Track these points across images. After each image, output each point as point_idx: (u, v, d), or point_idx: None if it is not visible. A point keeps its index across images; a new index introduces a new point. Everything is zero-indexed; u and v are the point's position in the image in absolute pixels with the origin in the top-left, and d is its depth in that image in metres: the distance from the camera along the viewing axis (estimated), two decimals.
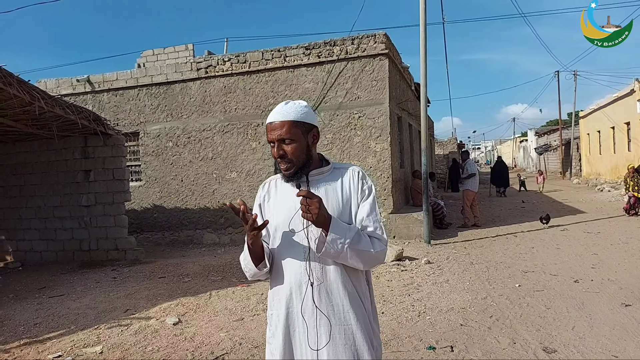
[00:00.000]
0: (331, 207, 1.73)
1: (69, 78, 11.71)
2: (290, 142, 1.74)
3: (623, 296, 5.00)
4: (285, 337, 1.75)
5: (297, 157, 1.75)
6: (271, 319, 1.82)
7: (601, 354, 3.60)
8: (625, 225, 9.76)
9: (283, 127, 1.73)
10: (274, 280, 1.84)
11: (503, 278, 6.03)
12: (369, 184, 1.82)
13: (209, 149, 10.76)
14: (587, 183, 22.75)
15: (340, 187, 1.80)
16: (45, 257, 8.92)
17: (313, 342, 1.70)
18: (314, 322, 1.70)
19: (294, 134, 1.74)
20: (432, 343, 3.94)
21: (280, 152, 1.74)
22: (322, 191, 1.77)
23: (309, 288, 1.71)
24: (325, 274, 1.73)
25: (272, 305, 1.83)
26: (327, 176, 1.83)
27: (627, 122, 19.61)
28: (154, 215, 11.12)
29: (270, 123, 1.76)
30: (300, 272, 1.73)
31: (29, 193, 9.02)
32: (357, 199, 1.79)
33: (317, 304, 1.70)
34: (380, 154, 9.62)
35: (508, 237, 9.13)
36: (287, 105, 1.78)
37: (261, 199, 1.91)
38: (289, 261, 1.76)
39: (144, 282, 6.75)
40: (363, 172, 1.86)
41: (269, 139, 1.77)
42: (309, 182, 1.78)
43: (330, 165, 1.85)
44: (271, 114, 1.78)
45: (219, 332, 4.48)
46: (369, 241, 1.72)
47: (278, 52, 10.18)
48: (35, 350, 4.26)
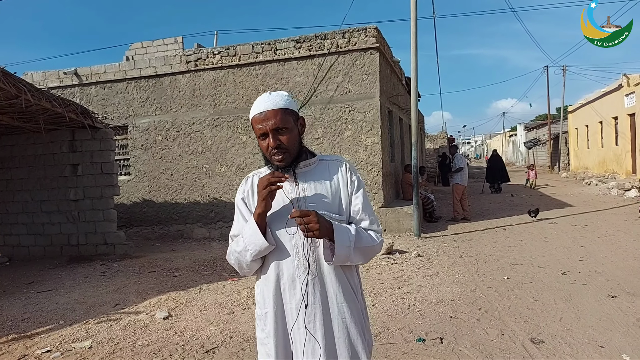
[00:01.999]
0: (321, 200, 1.72)
1: (56, 71, 11.54)
2: (286, 131, 1.69)
3: (609, 288, 5.08)
4: (281, 335, 1.70)
5: (292, 147, 1.71)
6: (264, 318, 1.74)
7: (588, 344, 3.65)
8: (612, 219, 9.88)
9: (277, 115, 1.68)
10: (264, 278, 1.76)
11: (492, 270, 6.09)
12: (357, 175, 1.81)
13: (198, 143, 10.70)
14: (575, 177, 22.99)
15: (329, 179, 1.77)
16: (33, 252, 8.82)
17: (310, 339, 1.66)
18: (311, 318, 1.67)
19: (288, 122, 1.70)
20: (421, 335, 3.97)
21: (277, 142, 1.67)
22: (311, 184, 1.74)
23: (304, 283, 1.67)
24: (318, 268, 1.70)
25: (264, 303, 1.75)
26: (313, 168, 1.79)
27: (615, 116, 19.81)
28: (144, 210, 11.04)
29: (261, 113, 1.69)
30: (293, 267, 1.69)
31: (16, 187, 8.90)
32: (346, 191, 1.77)
33: (312, 299, 1.67)
34: (370, 147, 9.63)
35: (497, 231, 9.21)
36: (272, 95, 1.74)
37: (244, 193, 1.82)
38: (281, 256, 1.71)
39: (133, 277, 6.71)
40: (350, 164, 1.85)
41: (261, 131, 1.69)
42: (296, 175, 1.74)
43: (316, 157, 1.82)
44: (257, 105, 1.72)
45: (210, 326, 4.47)
46: (369, 236, 1.73)
47: (268, 45, 10.12)
48: (24, 345, 4.22)
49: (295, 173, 1.74)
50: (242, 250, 1.70)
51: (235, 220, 1.82)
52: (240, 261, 1.74)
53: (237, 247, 1.72)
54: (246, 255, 1.69)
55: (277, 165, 1.71)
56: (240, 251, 1.70)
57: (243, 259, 1.71)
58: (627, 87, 18.12)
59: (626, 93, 18.31)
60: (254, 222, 1.66)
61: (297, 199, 1.71)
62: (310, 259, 1.68)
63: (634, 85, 17.48)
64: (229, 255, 1.79)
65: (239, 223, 1.79)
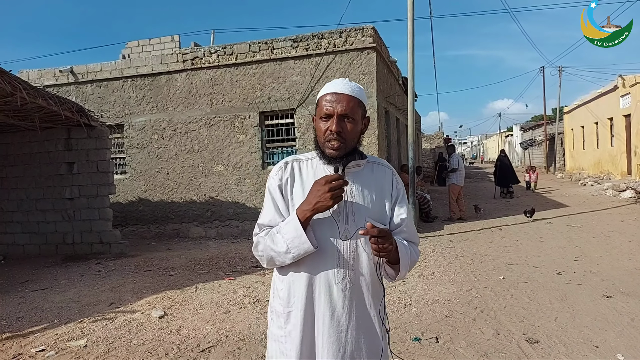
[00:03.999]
0: (369, 206, 1.64)
1: (51, 69, 11.49)
2: (352, 121, 1.60)
3: (604, 288, 5.10)
4: (305, 336, 1.60)
5: (352, 139, 1.61)
6: (286, 317, 1.64)
7: (583, 344, 3.67)
8: (607, 219, 9.93)
9: (350, 102, 1.59)
10: (294, 275, 1.63)
11: (488, 270, 6.10)
12: (401, 184, 1.76)
13: (195, 142, 10.67)
14: (571, 177, 23.08)
15: (375, 183, 1.69)
16: (28, 250, 8.78)
17: (336, 341, 1.58)
18: (345, 319, 1.59)
19: (356, 114, 1.61)
20: (417, 334, 3.98)
21: (339, 128, 1.57)
22: (359, 187, 1.65)
23: (342, 284, 1.59)
24: (357, 266, 1.62)
25: (288, 301, 1.63)
26: (362, 169, 1.68)
27: (610, 117, 19.91)
28: (139, 209, 11.01)
29: (337, 94, 1.59)
30: (332, 272, 1.59)
31: (11, 185, 8.85)
32: (390, 198, 1.70)
33: (349, 301, 1.60)
34: (367, 147, 9.62)
35: (493, 231, 9.23)
36: (350, 82, 1.64)
37: (282, 181, 1.66)
38: (320, 259, 1.59)
39: (129, 276, 6.69)
40: (394, 170, 1.79)
41: (327, 111, 1.58)
42: (344, 173, 1.61)
43: (366, 158, 1.71)
44: (333, 85, 1.63)
45: (205, 325, 4.46)
46: (415, 253, 1.71)
47: (265, 44, 10.11)
48: (18, 344, 4.19)
49: (344, 172, 1.62)
50: (282, 251, 1.57)
51: (266, 208, 1.68)
52: (274, 259, 1.62)
53: (274, 245, 1.59)
54: (287, 258, 1.57)
55: (329, 153, 1.60)
56: (280, 252, 1.58)
57: (281, 259, 1.59)
58: (623, 88, 18.21)
59: (622, 94, 18.40)
60: (299, 223, 1.53)
61: (344, 202, 1.60)
62: (350, 267, 1.60)
63: (630, 86, 17.57)
64: (259, 248, 1.66)
65: (270, 212, 1.66)
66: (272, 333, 1.70)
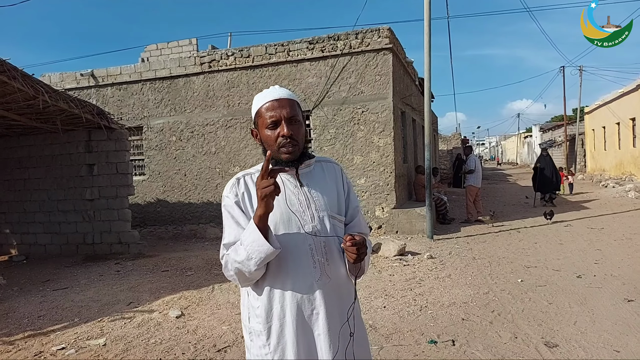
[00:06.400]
0: (327, 202, 1.68)
1: (72, 72, 11.73)
2: (298, 123, 1.62)
3: (626, 291, 4.99)
4: (297, 348, 1.58)
5: (301, 141, 1.64)
6: (266, 333, 1.60)
7: (603, 349, 3.60)
8: (629, 222, 9.72)
9: (292, 105, 1.62)
10: (275, 283, 1.60)
11: (505, 273, 6.03)
12: (347, 177, 1.84)
13: (212, 144, 10.77)
14: (592, 179, 22.65)
15: (329, 179, 1.75)
16: (49, 250, 8.97)
17: (327, 347, 1.59)
18: (335, 325, 1.61)
19: (299, 115, 1.65)
20: (433, 337, 3.95)
21: (291, 131, 1.58)
22: (315, 185, 1.69)
23: (322, 289, 1.60)
24: (333, 271, 1.63)
25: (271, 314, 1.60)
26: (312, 169, 1.73)
27: (633, 117, 19.48)
28: (157, 209, 11.16)
29: (278, 100, 1.61)
30: (309, 273, 1.59)
31: (33, 187, 9.06)
32: (343, 192, 1.77)
33: (329, 306, 1.60)
34: (383, 148, 9.60)
35: (511, 233, 9.11)
36: (282, 87, 1.69)
37: (238, 197, 1.64)
38: (294, 261, 1.59)
39: (147, 276, 6.78)
40: (341, 166, 1.87)
41: (273, 118, 1.59)
42: (299, 175, 1.67)
43: (315, 157, 1.75)
44: (269, 93, 1.64)
45: (222, 325, 4.50)
46: (370, 245, 1.75)
47: (282, 46, 10.15)
48: (39, 342, 4.29)
49: (298, 173, 1.66)
50: (244, 259, 1.51)
51: (227, 227, 1.64)
52: (241, 271, 1.55)
53: (236, 256, 1.54)
54: (250, 265, 1.51)
55: (285, 157, 1.60)
56: (242, 261, 1.52)
57: (246, 269, 1.53)
58: None
59: None
60: (255, 227, 1.49)
61: (307, 201, 1.65)
62: (324, 263, 1.61)
63: None
64: (227, 267, 1.60)
65: (233, 230, 1.62)
66: (253, 355, 1.66)
